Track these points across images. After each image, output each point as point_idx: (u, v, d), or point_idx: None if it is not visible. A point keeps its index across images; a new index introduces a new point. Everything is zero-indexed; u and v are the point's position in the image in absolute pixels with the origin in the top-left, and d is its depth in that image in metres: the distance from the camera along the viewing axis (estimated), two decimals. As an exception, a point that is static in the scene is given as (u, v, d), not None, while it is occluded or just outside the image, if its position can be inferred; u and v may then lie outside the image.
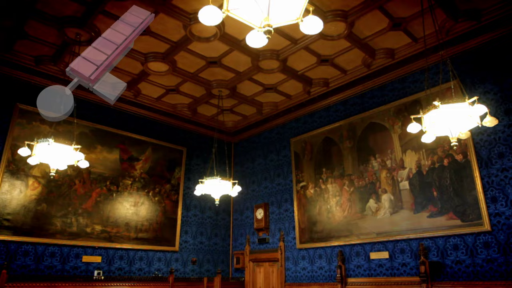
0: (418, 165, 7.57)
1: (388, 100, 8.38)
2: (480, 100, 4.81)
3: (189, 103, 10.27)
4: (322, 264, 8.81)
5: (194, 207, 10.79)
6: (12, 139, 7.95)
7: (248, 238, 10.75)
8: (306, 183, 9.61)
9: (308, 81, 9.07)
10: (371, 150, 8.45)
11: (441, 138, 6.20)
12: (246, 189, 11.20)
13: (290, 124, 10.60)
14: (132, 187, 9.61)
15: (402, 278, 7.32)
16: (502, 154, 6.57)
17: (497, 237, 6.37)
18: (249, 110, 10.71)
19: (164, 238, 9.90)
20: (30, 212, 7.89)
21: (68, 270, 8.16)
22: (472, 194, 6.73)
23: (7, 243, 7.54)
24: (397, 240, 7.59)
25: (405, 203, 7.63)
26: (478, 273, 6.45)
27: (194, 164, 11.15)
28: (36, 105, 8.38)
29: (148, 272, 9.39)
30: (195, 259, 10.39)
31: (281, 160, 10.54)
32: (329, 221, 8.87)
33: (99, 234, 8.76)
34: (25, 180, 7.98)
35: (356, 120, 8.91)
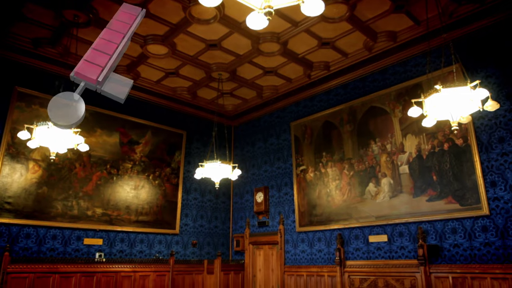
0: (418, 149, 7.57)
1: (389, 84, 8.33)
2: (482, 84, 4.77)
3: (189, 87, 10.20)
4: (321, 247, 8.90)
5: (194, 191, 10.84)
6: (12, 123, 7.93)
7: (248, 221, 10.83)
8: (306, 167, 9.63)
9: (308, 64, 9.00)
10: (371, 134, 8.44)
11: (441, 122, 6.17)
12: (246, 172, 11.23)
13: (290, 108, 10.56)
14: (132, 170, 9.64)
15: (400, 261, 7.40)
16: (503, 138, 6.56)
17: (495, 221, 6.41)
18: (249, 93, 10.65)
19: (164, 221, 9.97)
20: (31, 195, 7.93)
21: (70, 252, 8.25)
22: (472, 178, 6.75)
23: (9, 226, 7.60)
24: (396, 224, 7.65)
25: (404, 187, 7.66)
26: (476, 256, 6.51)
27: (194, 147, 11.16)
28: (35, 88, 8.34)
29: (149, 255, 9.49)
30: (195, 242, 10.50)
31: (281, 144, 10.54)
32: (328, 205, 8.92)
33: (100, 217, 8.82)
34: (26, 163, 7.99)
35: (356, 104, 8.87)
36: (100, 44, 1.59)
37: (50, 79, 8.47)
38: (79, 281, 7.72)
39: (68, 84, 8.20)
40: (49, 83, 8.41)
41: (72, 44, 7.75)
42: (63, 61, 8.40)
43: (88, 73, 1.49)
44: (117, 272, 8.31)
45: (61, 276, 7.52)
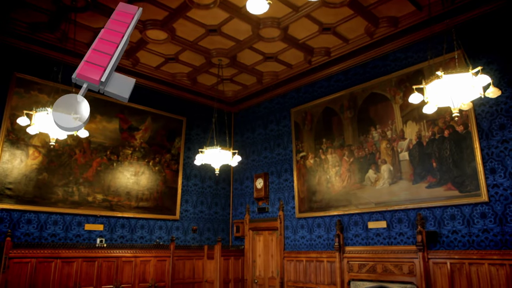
0: (419, 136, 7.56)
1: (390, 70, 8.27)
2: (483, 71, 4.73)
3: (189, 72, 10.14)
4: (321, 233, 8.96)
5: (194, 177, 10.87)
6: (11, 109, 7.90)
7: (247, 207, 10.89)
8: (306, 153, 9.64)
9: (309, 50, 8.92)
10: (372, 121, 8.42)
11: (442, 109, 6.15)
12: (246, 159, 11.25)
13: (290, 94, 10.52)
14: (132, 156, 9.64)
15: (399, 247, 7.46)
16: (503, 125, 6.54)
17: (494, 208, 6.44)
18: (249, 79, 10.58)
19: (164, 207, 10.03)
20: (31, 181, 7.95)
21: (71, 237, 8.32)
22: (471, 165, 6.75)
23: (10, 212, 7.64)
24: (395, 210, 7.69)
25: (404, 173, 7.67)
26: (474, 242, 6.56)
27: (194, 134, 11.15)
28: (33, 74, 8.29)
29: (149, 240, 9.57)
30: (195, 228, 10.57)
31: (281, 130, 10.53)
32: (328, 191, 8.95)
33: (100, 203, 8.86)
34: (25, 149, 7.99)
35: (357, 90, 8.83)
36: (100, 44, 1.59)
37: (48, 65, 8.41)
38: (80, 266, 7.80)
39: (66, 69, 8.17)
40: (48, 68, 8.36)
41: (70, 29, 7.68)
42: (61, 46, 8.33)
43: (91, 74, 1.49)
44: (118, 257, 8.39)
45: (62, 261, 7.60)
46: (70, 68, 8.34)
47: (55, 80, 8.15)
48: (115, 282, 8.19)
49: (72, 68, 8.35)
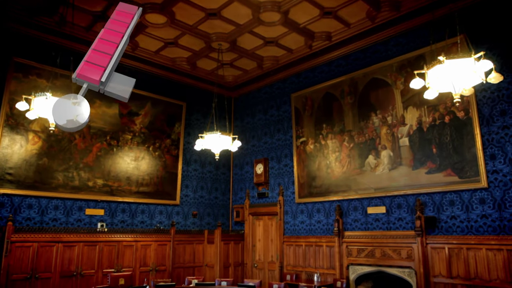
0: (419, 122, 7.54)
1: (392, 55, 8.20)
2: (486, 56, 4.68)
3: (188, 57, 10.05)
4: (320, 218, 9.02)
5: (194, 162, 10.89)
6: (10, 93, 7.86)
7: (247, 193, 10.93)
8: (306, 139, 9.63)
9: (310, 34, 8.82)
10: (372, 106, 8.38)
11: (443, 95, 6.11)
12: (246, 144, 11.25)
13: (291, 79, 10.45)
14: (132, 141, 9.64)
15: (398, 232, 7.51)
16: (504, 111, 6.52)
17: (493, 194, 6.46)
18: (249, 64, 10.50)
19: (165, 192, 10.07)
20: (31, 166, 7.96)
21: (72, 222, 8.37)
22: (471, 151, 6.75)
23: (11, 196, 7.67)
24: (395, 196, 7.72)
25: (404, 159, 7.68)
26: (472, 228, 6.61)
27: (194, 119, 11.12)
28: (32, 58, 8.22)
29: (150, 225, 9.64)
30: (195, 213, 10.64)
31: (282, 116, 10.50)
32: (328, 177, 8.97)
33: (101, 188, 8.90)
34: (25, 134, 7.98)
35: (358, 76, 8.77)
36: (100, 45, 1.59)
37: (47, 49, 8.33)
38: (82, 250, 7.88)
39: (65, 53, 8.10)
40: (46, 53, 8.28)
41: (69, 13, 7.57)
42: (60, 30, 8.24)
43: (91, 74, 1.49)
44: (119, 242, 8.46)
45: (64, 245, 7.67)
46: (69, 52, 8.27)
47: (53, 64, 8.10)
48: (116, 266, 8.28)
49: (71, 52, 8.29)
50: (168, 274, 9.06)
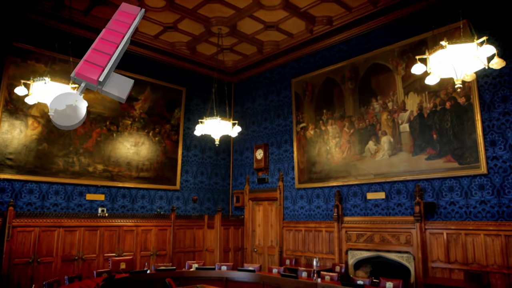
0: (420, 108, 7.51)
1: (393, 41, 8.11)
2: (488, 41, 4.63)
3: (188, 41, 9.95)
4: (320, 204, 9.06)
5: (194, 147, 10.89)
6: (8, 78, 7.81)
7: (247, 178, 10.96)
8: (306, 124, 9.61)
9: (311, 19, 8.72)
10: (373, 92, 8.34)
11: (444, 81, 6.08)
12: (246, 129, 11.23)
13: (291, 64, 10.37)
14: (132, 127, 9.62)
15: (397, 217, 7.56)
16: (506, 97, 6.48)
17: (492, 180, 6.47)
18: (249, 49, 10.41)
19: (165, 177, 10.10)
20: (31, 152, 7.96)
21: (73, 207, 8.41)
22: (472, 137, 6.74)
23: (12, 182, 7.69)
24: (394, 181, 7.74)
25: (404, 145, 7.67)
26: (471, 214, 6.64)
27: (193, 104, 11.08)
28: (30, 42, 8.14)
29: (150, 210, 9.69)
30: (195, 198, 10.68)
31: (282, 101, 10.45)
32: (328, 162, 8.98)
33: (101, 173, 8.91)
34: (25, 120, 7.96)
35: (359, 61, 8.70)
36: (100, 44, 1.59)
37: (45, 34, 8.25)
38: (83, 235, 7.94)
39: (63, 38, 8.02)
40: (45, 37, 8.20)
41: (66, -4, 7.47)
42: (57, 14, 8.14)
43: (89, 74, 1.49)
44: (119, 227, 8.52)
45: (65, 230, 7.72)
46: (67, 37, 8.19)
47: (52, 49, 8.03)
48: (117, 251, 8.36)
49: (69, 37, 8.20)
50: (168, 259, 9.15)
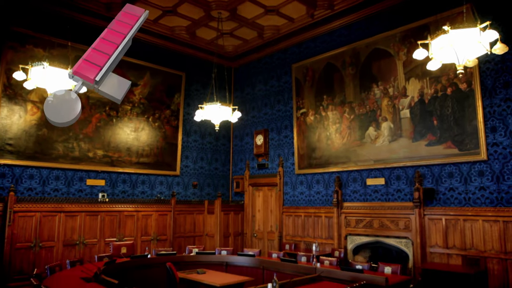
0: (421, 94, 7.47)
1: (395, 25, 8.01)
2: (492, 26, 4.57)
3: (188, 26, 9.84)
4: (320, 189, 9.10)
5: (194, 133, 10.88)
6: (6, 63, 7.75)
7: (247, 164, 10.98)
8: (307, 110, 9.58)
9: (312, 3, 8.60)
10: (374, 78, 8.28)
11: (446, 66, 6.03)
12: (246, 115, 11.20)
13: (291, 49, 10.28)
14: (131, 112, 9.59)
15: (396, 203, 7.59)
16: (508, 83, 6.44)
17: (492, 166, 6.48)
18: (249, 34, 10.30)
19: (165, 163, 10.11)
20: (31, 137, 7.95)
21: (74, 192, 8.45)
22: (473, 123, 6.72)
23: (12, 167, 7.70)
24: (394, 167, 7.75)
25: (404, 131, 7.66)
26: (470, 200, 6.67)
27: (193, 89, 11.02)
28: (28, 27, 8.05)
29: (150, 195, 9.73)
30: (196, 183, 10.72)
31: (282, 86, 10.40)
32: (328, 148, 8.98)
33: (101, 158, 8.92)
34: (24, 105, 7.93)
35: (360, 46, 8.62)
36: (100, 44, 1.60)
37: (43, 18, 8.15)
38: (84, 220, 7.99)
39: (61, 22, 7.93)
40: (42, 21, 8.11)
41: (63, -21, 7.36)
42: (55, -3, 8.04)
43: (87, 73, 1.51)
44: (120, 212, 8.57)
45: (66, 215, 7.77)
46: (65, 21, 8.10)
47: (50, 33, 7.95)
48: (118, 235, 8.42)
49: (67, 21, 8.11)
50: (169, 243, 9.23)
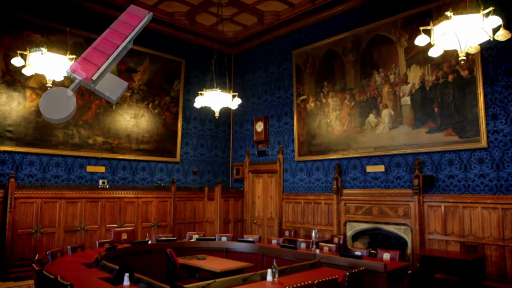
0: (422, 81, 7.43)
1: (397, 11, 7.91)
2: (495, 12, 4.51)
3: (187, 11, 9.73)
4: (319, 176, 9.12)
5: (194, 119, 10.85)
6: (4, 49, 7.68)
7: (247, 150, 10.98)
8: (307, 97, 9.54)
9: (313, -12, 8.49)
10: (375, 64, 8.22)
11: (448, 53, 5.97)
12: (246, 101, 11.15)
13: (292, 35, 10.18)
14: (131, 99, 9.55)
15: (396, 190, 7.61)
16: (510, 70, 6.39)
17: (492, 154, 6.48)
18: (249, 19, 10.19)
19: (165, 150, 10.11)
20: (31, 124, 7.93)
21: (74, 179, 8.46)
22: (473, 111, 6.69)
23: (12, 154, 7.70)
24: (394, 155, 7.75)
25: (405, 118, 7.64)
26: (469, 187, 6.69)
27: (193, 76, 10.95)
28: (25, 12, 7.95)
29: (151, 182, 9.75)
30: (196, 170, 10.73)
31: (282, 73, 10.33)
32: (328, 135, 8.97)
33: (101, 145, 8.92)
34: (23, 91, 7.89)
35: (361, 32, 8.53)
36: (101, 44, 1.59)
37: (40, 3, 8.04)
38: (84, 206, 8.02)
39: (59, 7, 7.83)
40: (40, 6, 8.01)
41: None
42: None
43: (84, 71, 1.52)
44: (120, 198, 8.60)
45: (67, 201, 7.80)
46: (63, 6, 8.00)
47: (48, 18, 7.86)
48: (118, 222, 8.47)
49: (66, 7, 8.01)
50: (169, 230, 9.29)
